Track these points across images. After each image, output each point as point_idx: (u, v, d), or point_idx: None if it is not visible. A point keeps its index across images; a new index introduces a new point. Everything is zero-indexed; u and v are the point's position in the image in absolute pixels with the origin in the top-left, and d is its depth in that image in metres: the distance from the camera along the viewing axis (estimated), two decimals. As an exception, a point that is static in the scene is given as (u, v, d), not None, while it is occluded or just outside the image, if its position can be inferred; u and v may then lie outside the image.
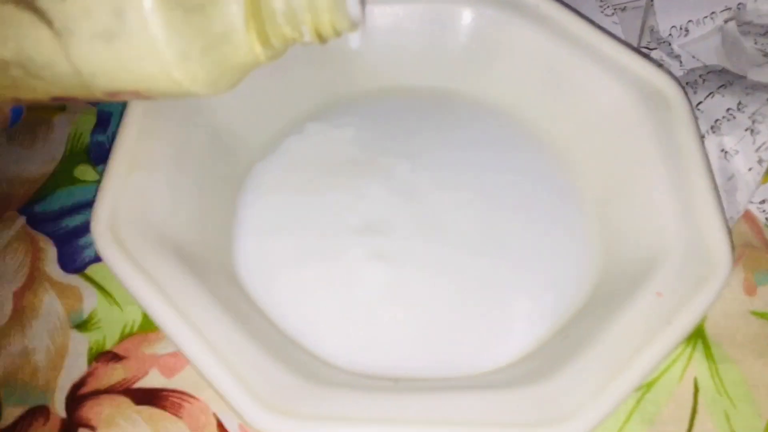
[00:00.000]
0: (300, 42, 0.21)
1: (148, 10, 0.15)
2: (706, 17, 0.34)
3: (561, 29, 0.30)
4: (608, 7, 0.35)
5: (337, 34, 0.21)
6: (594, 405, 0.21)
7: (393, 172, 0.31)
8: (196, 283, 0.23)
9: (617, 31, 0.35)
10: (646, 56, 0.29)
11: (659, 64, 0.33)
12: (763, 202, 0.31)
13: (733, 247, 0.24)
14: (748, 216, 0.31)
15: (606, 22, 0.35)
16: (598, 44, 0.30)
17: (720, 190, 0.30)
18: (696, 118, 0.28)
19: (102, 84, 0.17)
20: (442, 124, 0.32)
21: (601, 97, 0.30)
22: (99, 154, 0.33)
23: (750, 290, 0.29)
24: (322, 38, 0.21)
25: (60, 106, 0.35)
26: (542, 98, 0.32)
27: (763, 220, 0.31)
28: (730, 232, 0.24)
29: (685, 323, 0.22)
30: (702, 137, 0.30)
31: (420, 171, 0.31)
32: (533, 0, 0.31)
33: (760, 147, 0.30)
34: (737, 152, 0.30)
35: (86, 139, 0.34)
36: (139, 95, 0.18)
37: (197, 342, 0.21)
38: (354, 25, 0.21)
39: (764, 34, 0.34)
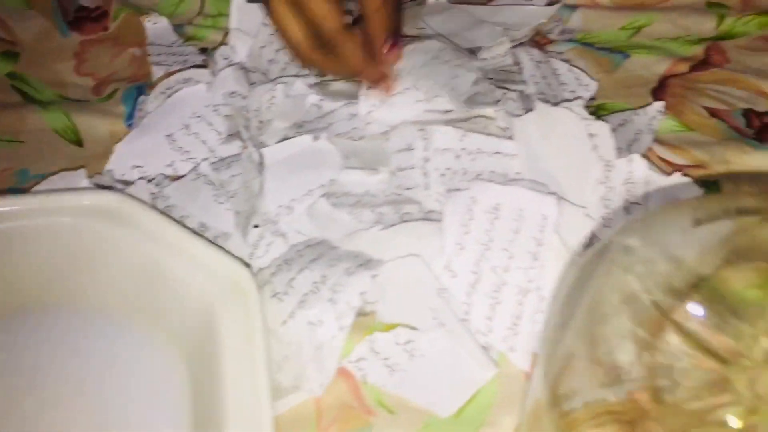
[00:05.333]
0: None
1: None
2: (305, 195, 0.39)
3: (157, 235, 0.33)
4: (221, 195, 0.39)
5: None
6: None
7: None
8: None
9: (229, 216, 0.38)
10: (227, 252, 0.33)
11: (244, 262, 0.36)
12: (359, 360, 0.34)
13: None
14: (345, 374, 0.34)
15: (220, 210, 0.38)
16: (187, 245, 0.33)
17: (310, 361, 0.33)
18: (262, 305, 0.32)
19: None
20: (51, 338, 0.33)
21: (191, 292, 0.33)
22: None
23: (343, 451, 0.32)
24: None
25: None
26: (144, 298, 0.34)
27: (360, 377, 0.34)
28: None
29: None
30: (288, 317, 0.34)
31: (25, 390, 0.32)
32: (129, 209, 0.34)
33: (339, 316, 0.34)
34: (322, 323, 0.34)
35: None
36: None
37: None
38: None
39: (354, 204, 0.39)
